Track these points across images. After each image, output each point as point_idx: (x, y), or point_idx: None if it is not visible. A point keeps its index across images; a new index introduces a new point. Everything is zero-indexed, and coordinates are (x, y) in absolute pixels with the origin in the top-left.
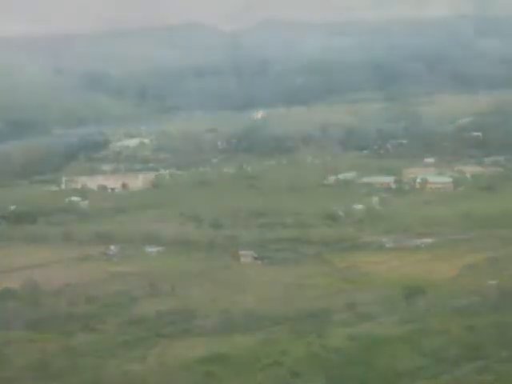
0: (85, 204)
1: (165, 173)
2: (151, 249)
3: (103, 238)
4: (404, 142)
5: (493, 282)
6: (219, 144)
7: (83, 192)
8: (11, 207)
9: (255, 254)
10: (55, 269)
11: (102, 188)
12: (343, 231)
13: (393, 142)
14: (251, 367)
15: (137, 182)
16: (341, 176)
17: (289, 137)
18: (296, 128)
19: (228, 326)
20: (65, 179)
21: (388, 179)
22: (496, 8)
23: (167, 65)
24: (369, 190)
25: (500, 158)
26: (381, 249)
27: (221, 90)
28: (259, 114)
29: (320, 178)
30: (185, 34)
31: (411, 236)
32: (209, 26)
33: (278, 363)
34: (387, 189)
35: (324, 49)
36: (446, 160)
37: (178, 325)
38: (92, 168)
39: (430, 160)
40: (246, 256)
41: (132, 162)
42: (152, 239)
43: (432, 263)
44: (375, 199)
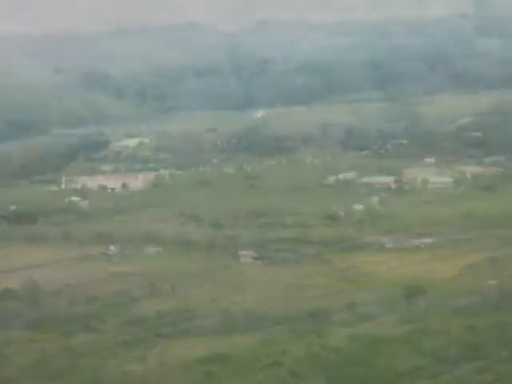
0: (85, 204)
1: (165, 173)
2: (151, 249)
3: (103, 238)
4: (404, 142)
5: (493, 282)
6: (219, 144)
7: (83, 192)
8: (11, 207)
9: (255, 254)
10: (55, 269)
11: (102, 188)
12: (343, 231)
13: (393, 142)
14: (251, 367)
15: (137, 182)
16: (341, 176)
17: (289, 137)
18: (296, 128)
19: (228, 326)
20: (65, 179)
21: (388, 179)
22: (496, 8)
23: (167, 65)
24: (369, 190)
25: (500, 158)
26: (381, 249)
27: (221, 90)
28: (259, 114)
29: (320, 178)
30: (185, 34)
31: (411, 236)
32: (209, 26)
33: (278, 363)
34: (387, 189)
35: (324, 49)
36: (446, 160)
37: (178, 325)
38: (92, 168)
39: (430, 160)
40: (246, 256)
41: (132, 162)
42: (152, 239)
43: (432, 263)
44: (375, 199)
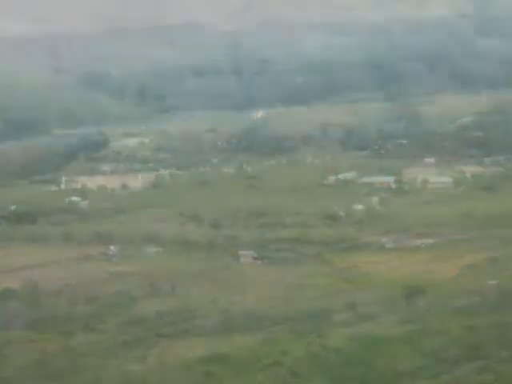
0: (85, 204)
1: (165, 173)
2: (151, 249)
3: (103, 238)
4: (404, 142)
5: (493, 282)
6: (219, 144)
7: (83, 192)
8: (11, 207)
9: (255, 254)
10: (55, 269)
11: (102, 188)
12: (343, 231)
13: (393, 142)
14: (251, 367)
15: (137, 182)
16: (341, 176)
17: (289, 137)
18: (296, 128)
19: (228, 326)
20: (65, 179)
21: (388, 179)
22: (496, 8)
23: (167, 65)
24: (369, 190)
25: (500, 158)
26: (381, 249)
27: (221, 90)
28: (259, 114)
29: (320, 178)
30: (185, 34)
31: (411, 236)
32: (209, 26)
33: (278, 363)
34: (387, 189)
35: (324, 49)
36: (447, 160)
37: (178, 325)
38: (92, 168)
39: (431, 160)
40: (246, 256)
41: (132, 162)
42: (152, 239)
43: (432, 263)
44: (375, 199)
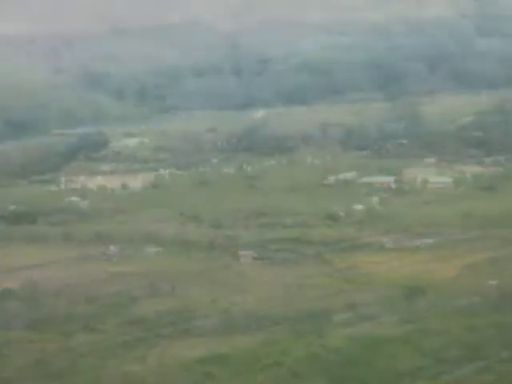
0: (84, 204)
1: (165, 173)
2: (151, 249)
3: (103, 238)
4: (404, 142)
5: (493, 282)
6: (219, 144)
7: (83, 192)
8: (11, 207)
9: (255, 254)
10: (55, 269)
11: (102, 188)
12: (343, 231)
13: (393, 142)
14: (251, 367)
15: (136, 182)
16: (341, 176)
17: (289, 137)
18: (296, 128)
19: (228, 327)
20: (64, 179)
21: (388, 179)
22: (496, 8)
23: (167, 65)
24: (369, 190)
25: (500, 158)
26: (381, 249)
27: (221, 90)
28: (259, 114)
29: (320, 178)
30: (185, 34)
31: (411, 236)
32: (209, 26)
33: (278, 363)
34: (387, 189)
35: (324, 48)
36: (447, 160)
37: (178, 325)
38: (91, 168)
39: (431, 160)
40: (246, 256)
41: (132, 162)
42: (152, 239)
43: (432, 263)
44: (375, 199)
